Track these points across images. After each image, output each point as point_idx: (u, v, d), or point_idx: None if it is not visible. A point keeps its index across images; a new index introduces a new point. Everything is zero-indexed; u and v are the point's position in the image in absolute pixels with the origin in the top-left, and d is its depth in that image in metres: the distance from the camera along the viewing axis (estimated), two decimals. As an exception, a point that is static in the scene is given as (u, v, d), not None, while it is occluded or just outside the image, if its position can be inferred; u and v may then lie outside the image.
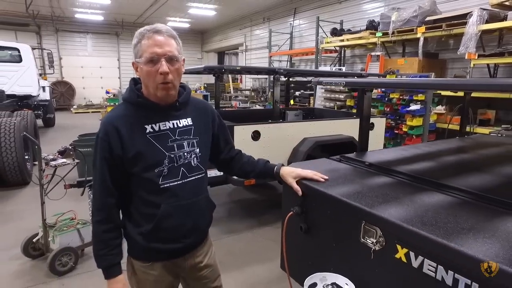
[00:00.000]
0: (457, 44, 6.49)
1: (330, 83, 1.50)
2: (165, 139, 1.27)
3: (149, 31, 1.19)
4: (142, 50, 1.19)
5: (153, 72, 1.18)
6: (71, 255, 2.74)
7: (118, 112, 1.26)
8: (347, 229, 1.23)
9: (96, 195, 1.26)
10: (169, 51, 1.19)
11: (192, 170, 1.32)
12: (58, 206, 3.10)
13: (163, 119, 1.28)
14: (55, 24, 15.27)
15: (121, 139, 1.21)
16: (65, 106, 15.27)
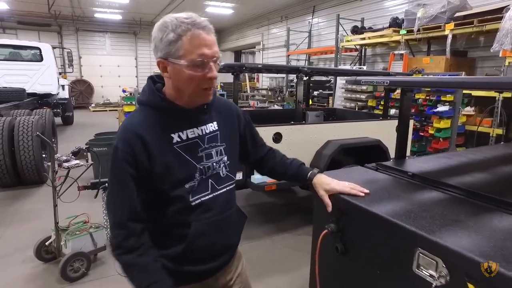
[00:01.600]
0: (488, 41, 6.12)
1: (371, 82, 1.31)
2: (194, 148, 1.09)
3: (193, 26, 0.97)
4: (185, 49, 0.97)
5: (198, 77, 1.00)
6: (83, 260, 2.64)
7: (139, 119, 1.06)
8: (396, 255, 1.03)
9: (118, 223, 1.02)
10: (216, 52, 1.02)
11: (221, 181, 1.16)
12: (71, 208, 3.00)
13: (191, 125, 1.10)
14: (76, 24, 15.52)
15: (147, 150, 1.01)
16: (83, 104, 15.51)
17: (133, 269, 1.01)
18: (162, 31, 0.99)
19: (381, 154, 3.54)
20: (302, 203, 4.38)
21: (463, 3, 6.20)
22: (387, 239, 1.06)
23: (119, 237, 1.01)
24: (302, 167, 1.34)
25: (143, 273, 1.01)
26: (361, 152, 3.58)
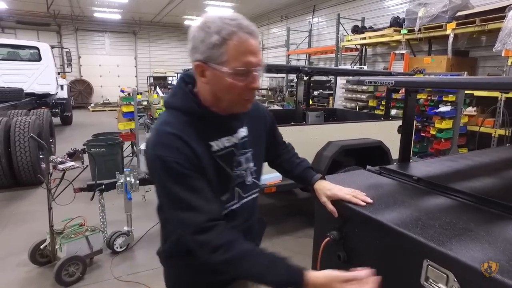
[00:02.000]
0: (490, 41, 6.06)
1: (375, 82, 1.25)
2: (230, 157, 1.03)
3: (240, 30, 0.88)
4: (229, 55, 0.88)
5: (240, 86, 0.92)
6: (78, 264, 2.58)
7: (174, 123, 0.95)
8: (402, 266, 0.97)
9: (199, 229, 0.89)
10: (261, 60, 0.94)
11: (246, 189, 1.09)
12: (67, 211, 2.95)
13: (226, 133, 1.03)
14: (75, 24, 15.45)
15: (194, 152, 0.92)
16: (83, 104, 15.45)
17: (245, 257, 0.90)
18: (204, 31, 0.90)
19: (382, 155, 3.49)
20: (302, 205, 4.32)
21: (464, 2, 6.14)
22: (393, 249, 1.00)
23: (210, 241, 0.89)
24: (307, 170, 1.29)
25: (258, 256, 0.91)
26: (362, 153, 3.52)
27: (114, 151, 4.86)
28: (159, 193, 0.98)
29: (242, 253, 0.90)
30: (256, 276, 0.90)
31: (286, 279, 0.87)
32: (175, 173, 0.90)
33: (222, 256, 0.88)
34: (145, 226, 3.46)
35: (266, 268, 0.88)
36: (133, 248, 3.15)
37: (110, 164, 4.67)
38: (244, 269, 0.90)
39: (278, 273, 0.88)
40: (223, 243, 0.89)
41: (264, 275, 0.88)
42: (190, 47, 0.95)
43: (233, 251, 0.89)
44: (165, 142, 0.92)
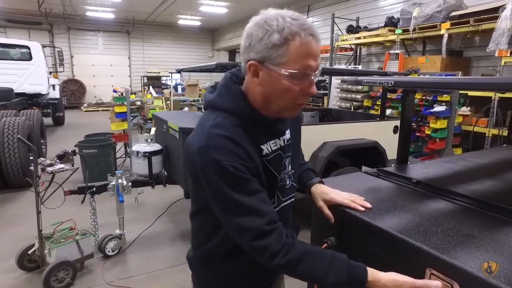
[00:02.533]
0: (483, 41, 6.08)
1: (374, 82, 1.20)
2: (279, 161, 1.00)
3: (303, 31, 0.84)
4: (290, 57, 0.84)
5: (296, 91, 0.87)
6: (68, 270, 2.50)
7: (225, 125, 0.90)
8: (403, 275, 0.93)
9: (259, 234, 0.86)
10: (319, 64, 0.89)
11: (285, 192, 1.06)
12: (57, 214, 2.86)
13: (274, 136, 0.99)
14: (67, 23, 15.23)
15: (250, 156, 0.89)
16: (75, 104, 15.26)
17: (304, 259, 0.87)
18: (263, 29, 0.85)
19: (378, 156, 3.46)
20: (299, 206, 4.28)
21: (458, 3, 6.16)
22: (394, 257, 0.96)
23: (270, 246, 0.86)
24: (307, 172, 1.25)
25: (316, 255, 0.89)
26: (358, 154, 3.49)
27: (107, 152, 4.78)
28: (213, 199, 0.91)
29: (302, 255, 0.88)
30: (316, 277, 0.87)
31: (346, 278, 0.86)
32: (233, 178, 0.86)
33: (281, 260, 0.86)
34: (137, 229, 3.39)
35: (326, 268, 0.86)
36: (125, 252, 3.09)
37: (102, 165, 4.58)
38: (304, 270, 0.87)
39: (340, 272, 0.86)
40: (282, 246, 0.87)
41: (325, 275, 0.86)
42: (244, 45, 0.90)
43: (292, 254, 0.87)
44: (219, 145, 0.87)
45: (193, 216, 1.08)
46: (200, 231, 1.07)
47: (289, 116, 0.98)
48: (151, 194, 3.93)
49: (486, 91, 4.22)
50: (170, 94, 9.25)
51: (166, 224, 3.65)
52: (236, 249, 0.96)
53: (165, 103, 8.34)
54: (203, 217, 1.04)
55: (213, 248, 1.02)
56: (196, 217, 1.07)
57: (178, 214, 3.86)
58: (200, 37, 18.47)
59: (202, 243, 1.06)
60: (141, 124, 7.47)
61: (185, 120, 3.18)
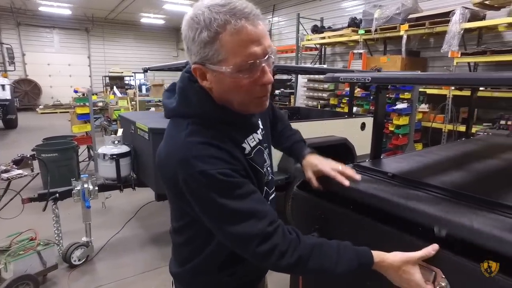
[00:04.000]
0: (437, 42, 6.50)
1: (351, 79, 1.23)
2: (260, 156, 0.96)
3: (232, 17, 0.73)
4: (226, 51, 0.75)
5: (248, 84, 0.79)
6: (29, 284, 2.31)
7: (201, 129, 0.83)
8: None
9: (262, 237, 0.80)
10: (268, 47, 0.78)
11: (269, 185, 1.02)
12: (15, 224, 2.66)
13: (250, 131, 0.94)
14: (16, 17, 14.12)
15: (236, 159, 0.84)
16: (30, 106, 14.25)
17: (314, 254, 0.83)
18: (192, 28, 0.76)
19: (347, 152, 3.56)
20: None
21: (415, 6, 6.52)
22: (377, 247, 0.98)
23: (276, 247, 0.80)
24: (298, 145, 1.24)
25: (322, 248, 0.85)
26: (328, 151, 3.57)
27: (68, 156, 4.50)
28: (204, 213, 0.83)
29: (310, 250, 0.83)
30: (327, 269, 0.84)
31: (356, 264, 0.84)
32: (223, 186, 0.79)
33: (291, 258, 0.81)
34: (106, 235, 3.23)
35: (336, 259, 0.84)
36: (93, 260, 2.92)
37: (64, 170, 4.31)
38: (315, 265, 0.83)
39: (349, 260, 0.84)
40: (289, 244, 0.82)
41: (335, 266, 0.83)
42: (185, 49, 0.83)
43: (300, 250, 0.82)
44: (201, 154, 0.79)
45: (177, 231, 1.01)
46: (188, 245, 1.00)
47: (258, 110, 0.89)
48: (119, 198, 3.76)
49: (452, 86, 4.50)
50: (134, 94, 8.94)
51: (135, 228, 3.51)
52: (231, 258, 0.93)
53: (130, 104, 8.04)
54: (191, 231, 0.96)
55: (206, 260, 0.97)
56: (182, 232, 0.99)
57: (148, 218, 3.73)
58: (164, 36, 18.00)
59: (192, 257, 0.99)
60: (106, 126, 7.14)
61: (154, 120, 3.07)
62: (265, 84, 0.81)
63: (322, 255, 0.84)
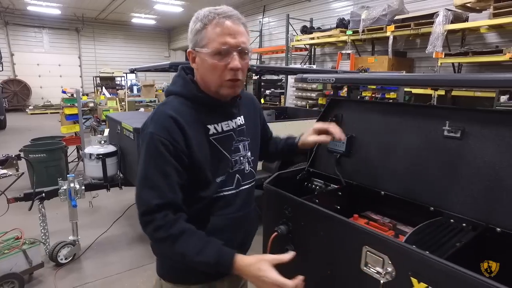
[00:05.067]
0: (423, 43, 6.63)
1: (317, 80, 1.30)
2: (229, 142, 1.08)
3: (218, 15, 0.97)
4: (208, 38, 0.97)
5: (220, 66, 0.98)
6: (14, 282, 2.35)
7: (173, 105, 1.03)
8: (345, 254, 1.03)
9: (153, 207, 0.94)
10: (242, 42, 0.99)
11: (245, 177, 1.13)
12: (1, 223, 2.68)
13: (225, 117, 1.09)
14: (4, 17, 13.95)
15: (186, 138, 0.97)
16: (19, 106, 14.12)
17: (183, 236, 0.93)
18: (193, 22, 1.01)
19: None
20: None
21: (401, 7, 6.64)
22: (336, 238, 1.06)
23: (158, 219, 0.93)
24: (290, 138, 1.40)
25: (194, 235, 0.95)
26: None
27: (57, 157, 4.52)
28: (138, 165, 1.00)
29: (180, 233, 0.93)
30: (190, 255, 0.93)
31: (214, 261, 0.92)
32: (156, 152, 0.95)
33: (163, 233, 0.93)
34: (93, 234, 3.27)
35: (200, 248, 0.92)
36: (80, 259, 2.96)
37: (52, 170, 4.33)
38: (181, 247, 0.93)
39: (209, 253, 0.92)
40: (165, 223, 0.93)
41: (196, 254, 0.92)
42: None
43: (173, 230, 0.93)
44: (159, 120, 0.98)
45: None
46: None
47: (227, 93, 1.04)
48: (106, 197, 3.80)
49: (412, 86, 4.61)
50: (124, 95, 8.93)
51: (123, 227, 3.54)
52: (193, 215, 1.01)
53: (120, 104, 8.04)
54: None
55: None
56: None
57: (136, 217, 3.75)
58: (155, 36, 17.95)
59: None
60: (95, 126, 7.14)
61: (139, 121, 3.12)
62: (233, 68, 0.98)
63: (189, 241, 0.93)
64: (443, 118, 1.11)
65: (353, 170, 1.39)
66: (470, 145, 1.06)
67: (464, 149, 1.07)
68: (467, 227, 1.03)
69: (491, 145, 1.01)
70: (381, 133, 1.29)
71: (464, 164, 1.07)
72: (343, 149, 1.40)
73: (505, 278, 0.87)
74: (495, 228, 0.98)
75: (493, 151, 1.00)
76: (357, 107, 1.38)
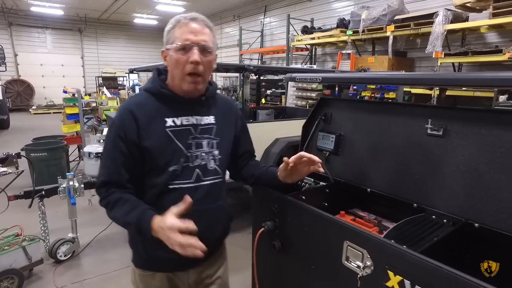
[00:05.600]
0: (424, 43, 6.62)
1: (305, 79, 1.33)
2: (185, 135, 1.16)
3: (185, 18, 1.11)
4: (174, 36, 1.10)
5: (182, 60, 1.08)
6: (13, 278, 2.39)
7: (137, 99, 1.19)
8: (327, 249, 1.06)
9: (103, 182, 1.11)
10: (203, 40, 1.10)
11: (208, 173, 1.19)
12: (2, 221, 2.73)
13: (186, 113, 1.18)
14: (7, 17, 14.06)
15: (137, 125, 1.11)
16: (23, 106, 14.22)
17: (118, 203, 1.09)
18: (168, 24, 1.13)
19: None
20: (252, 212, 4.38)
21: (401, 7, 6.65)
22: (319, 233, 1.08)
23: (103, 192, 1.11)
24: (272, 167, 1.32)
25: (127, 202, 1.08)
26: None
27: (58, 156, 4.57)
28: None
29: (116, 201, 1.09)
30: (120, 216, 1.08)
31: (135, 222, 1.04)
32: (112, 137, 1.12)
33: (104, 202, 1.12)
34: (92, 232, 3.31)
35: (127, 212, 1.07)
36: (79, 256, 3.00)
37: (53, 169, 4.38)
38: (114, 212, 1.09)
39: (132, 216, 1.05)
40: (108, 195, 1.11)
41: (124, 216, 1.07)
42: None
43: (110, 198, 1.10)
44: (120, 112, 1.15)
45: None
46: None
47: (188, 88, 1.12)
48: (106, 196, 3.83)
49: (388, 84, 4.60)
50: (127, 94, 9.00)
51: (122, 226, 3.58)
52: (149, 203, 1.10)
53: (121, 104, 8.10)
54: None
55: None
56: None
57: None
58: (157, 36, 17.97)
59: None
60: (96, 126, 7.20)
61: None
62: (193, 62, 1.08)
63: (122, 206, 1.08)
64: (426, 116, 1.14)
65: (341, 168, 1.42)
66: (452, 143, 1.08)
67: (446, 147, 1.10)
68: (448, 223, 1.06)
69: (471, 143, 1.04)
70: (368, 132, 1.32)
71: (446, 161, 1.09)
72: (331, 148, 1.42)
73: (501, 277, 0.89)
74: (474, 223, 1.00)
75: (473, 149, 1.03)
76: (345, 106, 1.40)
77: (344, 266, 0.99)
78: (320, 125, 1.51)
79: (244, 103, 3.21)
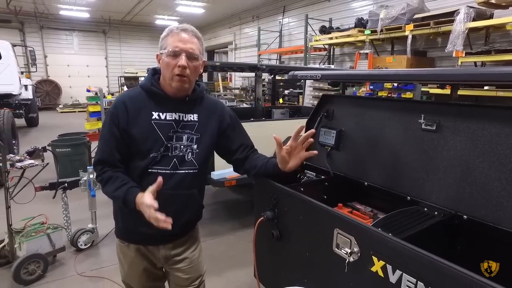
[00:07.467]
0: (444, 42, 6.45)
1: (305, 76, 1.38)
2: (167, 128, 1.33)
3: (177, 28, 1.30)
4: (167, 43, 1.29)
5: (172, 64, 1.26)
6: (39, 262, 2.57)
7: (130, 93, 1.37)
8: (320, 237, 1.11)
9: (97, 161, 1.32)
10: (190, 48, 1.28)
11: (184, 163, 1.35)
12: (29, 210, 2.93)
13: (171, 110, 1.35)
14: (39, 21, 14.84)
15: (128, 115, 1.30)
16: (51, 105, 14.90)
17: (110, 180, 1.28)
18: (163, 33, 1.32)
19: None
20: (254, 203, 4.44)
21: (421, 6, 6.52)
22: (313, 221, 1.14)
23: (98, 169, 1.33)
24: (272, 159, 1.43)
25: (117, 179, 1.28)
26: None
27: (80, 151, 4.81)
28: None
29: (108, 179, 1.30)
30: (111, 191, 1.28)
31: (122, 196, 1.24)
32: (108, 120, 1.32)
33: (99, 179, 1.33)
34: (111, 224, 3.42)
35: (116, 187, 1.27)
36: (97, 245, 3.17)
37: (76, 164, 4.61)
38: (106, 187, 1.30)
39: (120, 191, 1.26)
40: (102, 173, 1.32)
41: (113, 191, 1.27)
42: None
43: (104, 176, 1.30)
44: (115, 102, 1.34)
45: None
46: None
47: (176, 85, 1.29)
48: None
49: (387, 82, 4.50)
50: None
51: (139, 219, 3.73)
52: None
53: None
54: None
55: None
56: None
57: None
58: (178, 37, 18.36)
59: None
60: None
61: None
62: (180, 66, 1.25)
63: (113, 182, 1.28)
64: (421, 112, 1.17)
65: (341, 162, 1.46)
66: (445, 137, 1.11)
67: (439, 141, 1.13)
68: (438, 215, 1.09)
69: (463, 138, 1.07)
70: (367, 127, 1.36)
71: (439, 156, 1.12)
72: (332, 143, 1.47)
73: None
74: (463, 215, 1.03)
75: (465, 144, 1.06)
76: (347, 102, 1.45)
77: (334, 253, 1.05)
78: (323, 121, 1.56)
79: (256, 101, 3.28)
